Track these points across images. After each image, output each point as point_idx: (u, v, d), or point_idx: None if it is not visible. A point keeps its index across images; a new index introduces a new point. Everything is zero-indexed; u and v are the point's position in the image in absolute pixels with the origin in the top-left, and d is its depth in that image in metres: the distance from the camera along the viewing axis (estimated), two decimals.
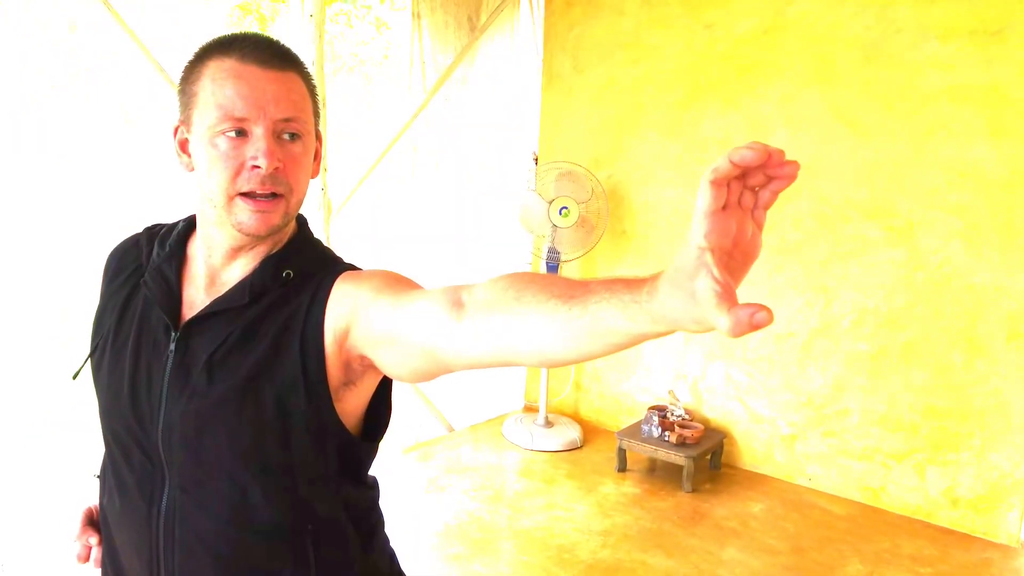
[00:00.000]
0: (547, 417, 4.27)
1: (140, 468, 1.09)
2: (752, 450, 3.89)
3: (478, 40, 4.16)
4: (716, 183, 0.62)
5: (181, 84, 1.09)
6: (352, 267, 1.14)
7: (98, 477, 1.24)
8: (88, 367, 1.19)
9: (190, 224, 1.18)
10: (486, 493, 3.54)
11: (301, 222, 1.20)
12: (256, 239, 1.10)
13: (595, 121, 4.33)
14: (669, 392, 4.00)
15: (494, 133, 4.42)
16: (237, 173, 1.04)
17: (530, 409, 4.61)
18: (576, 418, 4.48)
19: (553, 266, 4.10)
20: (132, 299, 1.16)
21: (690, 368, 4.05)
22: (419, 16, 3.92)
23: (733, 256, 0.67)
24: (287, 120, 1.05)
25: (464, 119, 4.22)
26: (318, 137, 1.15)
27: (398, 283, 1.05)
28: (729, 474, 3.86)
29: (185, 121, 1.08)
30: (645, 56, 4.10)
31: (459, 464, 3.86)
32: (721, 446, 3.88)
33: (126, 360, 1.11)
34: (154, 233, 1.22)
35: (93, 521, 1.28)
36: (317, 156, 1.15)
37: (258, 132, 1.04)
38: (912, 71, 3.31)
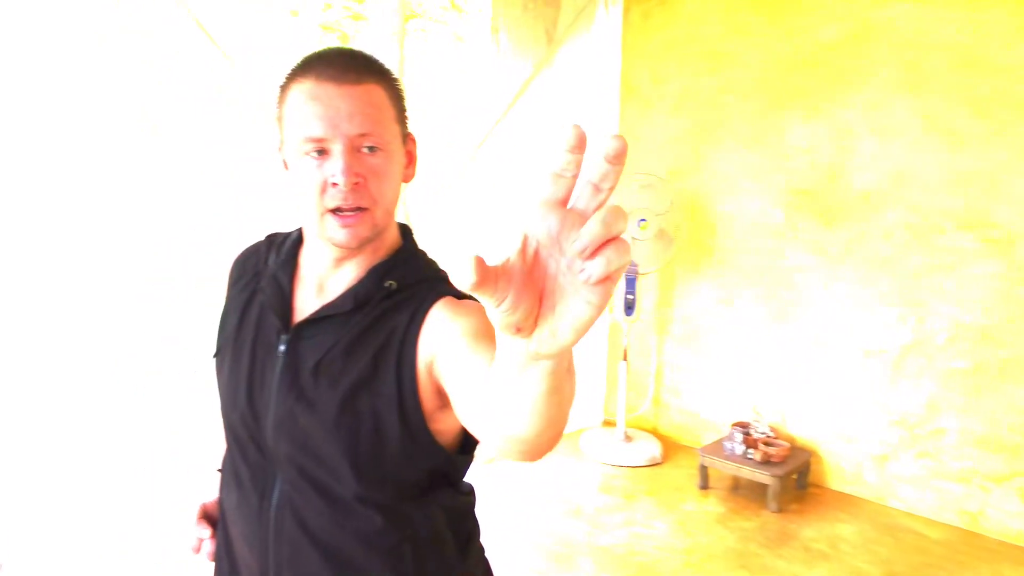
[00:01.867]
0: (626, 432, 4.22)
1: (254, 463, 1.15)
2: (840, 470, 3.76)
3: (555, 52, 4.17)
4: (554, 174, 0.53)
5: (276, 107, 1.13)
6: (457, 290, 1.14)
7: (220, 471, 1.30)
8: (212, 366, 1.26)
9: (303, 233, 1.23)
10: (565, 507, 3.52)
11: (405, 232, 1.22)
12: (353, 250, 1.12)
13: (673, 131, 4.28)
14: (753, 408, 3.90)
15: None
16: (322, 191, 1.07)
17: (608, 423, 4.57)
18: (655, 433, 4.42)
19: (631, 279, 4.06)
20: (252, 303, 1.22)
21: (775, 384, 3.95)
22: (498, 31, 3.95)
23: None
24: (363, 135, 1.07)
25: (541, 131, 4.23)
26: (412, 140, 1.16)
27: (484, 336, 1.02)
28: (816, 494, 3.74)
29: (282, 142, 1.12)
30: (725, 65, 4.04)
31: (537, 477, 3.84)
32: (808, 465, 3.77)
33: (244, 360, 1.17)
34: (273, 241, 1.28)
35: (207, 515, 1.34)
36: (412, 159, 1.17)
37: (336, 150, 1.06)
38: (1009, 75, 3.17)
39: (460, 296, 1.12)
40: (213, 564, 1.30)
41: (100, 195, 2.76)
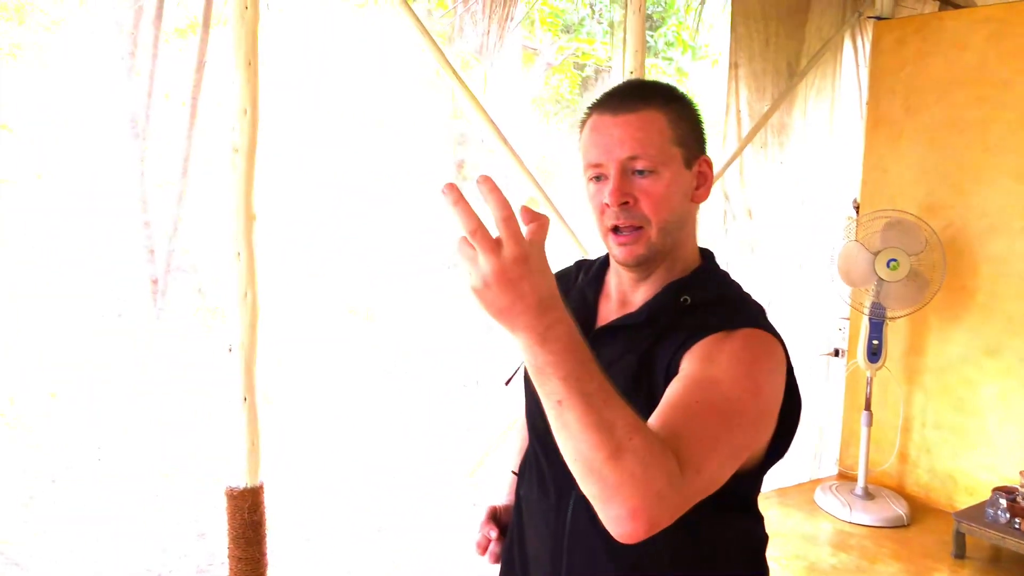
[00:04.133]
0: (867, 488, 3.91)
1: (556, 462, 1.20)
2: None
3: (797, 85, 4.02)
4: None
5: (579, 142, 1.29)
6: (744, 321, 1.17)
7: (514, 473, 1.44)
8: (519, 375, 1.39)
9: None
10: (799, 564, 3.31)
11: (706, 255, 1.27)
12: (635, 268, 1.22)
13: (929, 166, 3.95)
14: (1021, 473, 3.47)
15: (812, 180, 4.22)
16: (602, 212, 1.19)
17: (845, 477, 4.26)
18: (900, 492, 4.05)
19: (877, 323, 3.78)
20: None
21: None
22: (736, 66, 3.88)
23: None
24: (632, 158, 1.16)
25: (780, 166, 4.08)
26: (703, 162, 1.23)
27: (698, 391, 1.05)
28: None
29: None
30: (993, 93, 3.68)
31: (768, 528, 3.65)
32: None
33: None
34: (582, 265, 1.44)
35: (496, 517, 1.46)
36: (704, 180, 1.24)
37: (610, 173, 1.17)
38: None
39: (735, 326, 1.15)
40: (498, 566, 1.37)
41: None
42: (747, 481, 1.18)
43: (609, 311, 1.27)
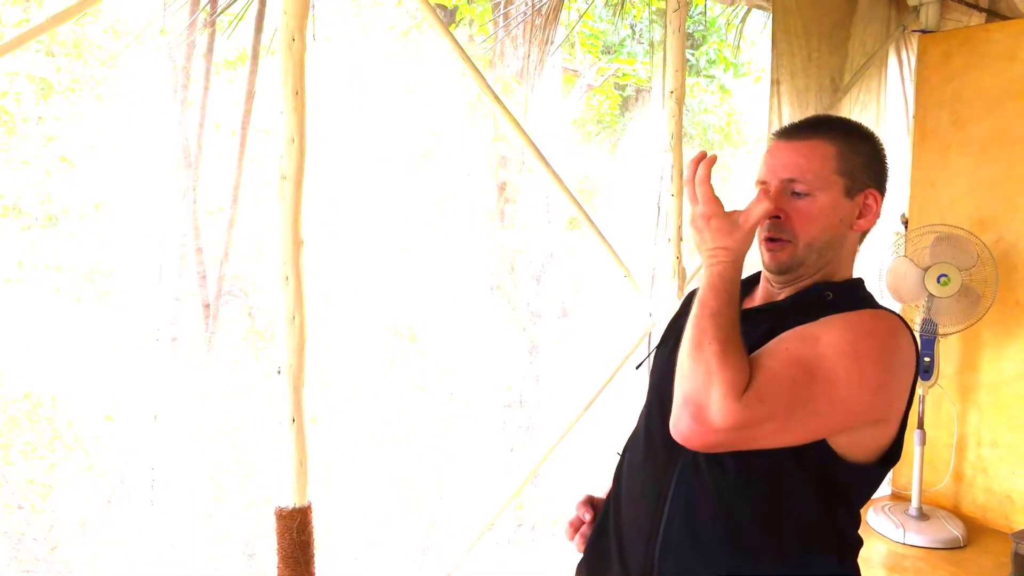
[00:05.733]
0: (921, 508, 3.82)
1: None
2: None
3: (840, 101, 3.99)
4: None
5: None
6: (872, 306, 1.31)
7: (619, 454, 1.52)
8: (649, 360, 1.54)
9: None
10: None
11: (858, 279, 1.41)
12: (779, 274, 1.36)
13: (979, 179, 3.89)
14: None
15: None
16: (760, 223, 1.31)
17: (898, 497, 4.17)
18: (956, 512, 3.95)
19: (929, 340, 3.71)
20: None
21: None
22: (778, 83, 3.86)
23: None
24: (791, 180, 1.30)
25: None
26: (870, 195, 1.35)
27: (796, 345, 1.20)
28: None
29: None
30: None
31: None
32: None
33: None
34: None
35: (591, 504, 1.54)
36: (867, 212, 1.35)
37: (772, 190, 1.32)
38: None
39: (861, 308, 1.29)
40: (581, 553, 1.44)
41: None
42: (853, 472, 1.25)
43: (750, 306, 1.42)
